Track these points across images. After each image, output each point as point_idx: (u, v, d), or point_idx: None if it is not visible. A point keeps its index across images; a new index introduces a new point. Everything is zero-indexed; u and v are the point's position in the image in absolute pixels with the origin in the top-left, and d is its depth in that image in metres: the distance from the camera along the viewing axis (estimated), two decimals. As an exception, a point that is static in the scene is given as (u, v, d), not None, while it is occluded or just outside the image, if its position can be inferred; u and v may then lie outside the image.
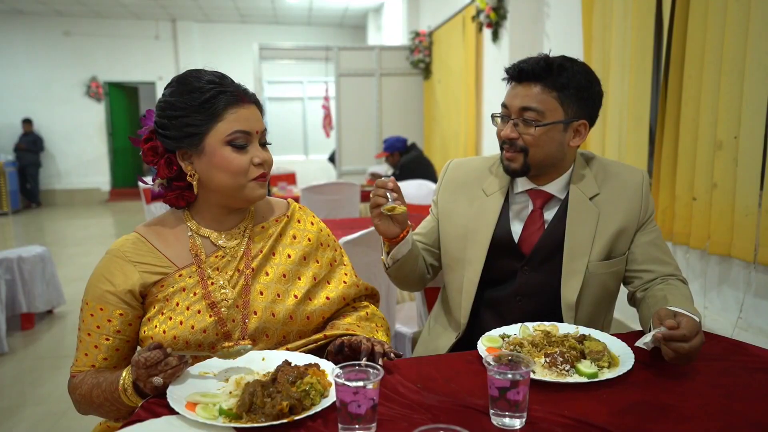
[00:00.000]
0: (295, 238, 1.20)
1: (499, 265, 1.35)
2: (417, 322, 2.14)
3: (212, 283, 1.10)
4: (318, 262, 1.21)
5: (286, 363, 0.97)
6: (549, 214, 1.33)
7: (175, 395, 0.90)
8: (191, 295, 1.09)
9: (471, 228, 1.36)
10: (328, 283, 1.21)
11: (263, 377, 0.96)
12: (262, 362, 1.03)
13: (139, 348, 1.12)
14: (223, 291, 1.10)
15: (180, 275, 1.10)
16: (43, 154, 9.84)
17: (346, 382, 0.81)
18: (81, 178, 10.26)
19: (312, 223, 1.25)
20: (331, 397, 0.90)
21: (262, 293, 1.13)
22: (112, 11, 9.55)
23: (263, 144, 1.12)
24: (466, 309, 1.36)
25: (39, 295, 3.61)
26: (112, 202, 10.21)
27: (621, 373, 0.99)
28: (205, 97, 1.06)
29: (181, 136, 1.07)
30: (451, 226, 1.40)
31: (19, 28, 9.64)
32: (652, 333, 1.01)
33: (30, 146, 9.46)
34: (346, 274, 1.24)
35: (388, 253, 1.29)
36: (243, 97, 1.08)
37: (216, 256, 1.13)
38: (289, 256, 1.18)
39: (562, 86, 1.23)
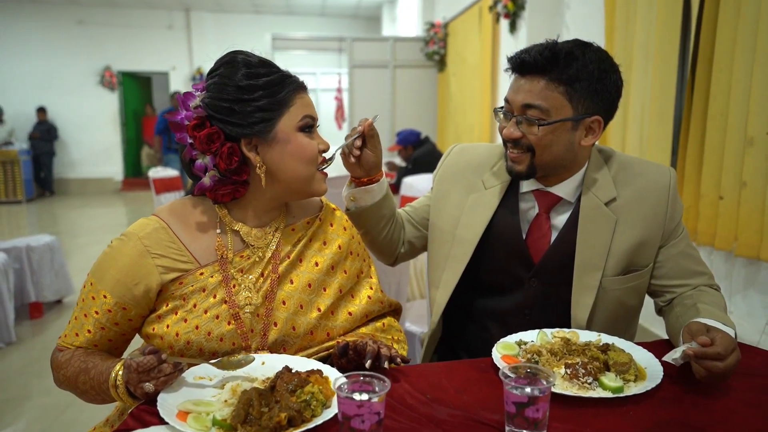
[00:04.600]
0: (325, 244, 1.12)
1: (505, 271, 1.23)
2: (427, 321, 2.08)
3: (235, 286, 1.03)
4: (346, 272, 1.13)
5: (287, 369, 0.90)
6: (559, 220, 1.20)
7: (166, 403, 0.84)
8: (211, 297, 1.01)
9: (462, 222, 1.25)
10: (353, 297, 1.14)
11: (262, 384, 0.91)
12: (262, 366, 0.97)
13: (143, 343, 1.06)
14: (247, 295, 1.03)
15: (201, 274, 1.02)
16: (57, 143, 9.88)
17: (350, 395, 0.74)
18: (94, 168, 10.30)
19: (345, 229, 1.17)
20: (334, 408, 0.83)
21: (284, 303, 1.05)
22: (125, 1, 9.55)
23: None
24: (439, 307, 1.27)
25: (48, 285, 3.60)
26: (124, 191, 10.25)
27: (649, 388, 0.91)
28: (272, 80, 1.00)
29: (251, 122, 0.99)
30: (441, 217, 1.30)
31: (33, 17, 9.66)
32: (682, 348, 0.93)
33: (44, 135, 9.49)
34: (371, 288, 1.17)
35: (350, 194, 1.26)
36: (303, 85, 1.05)
37: (241, 256, 1.04)
38: (316, 264, 1.10)
39: (571, 79, 1.08)
